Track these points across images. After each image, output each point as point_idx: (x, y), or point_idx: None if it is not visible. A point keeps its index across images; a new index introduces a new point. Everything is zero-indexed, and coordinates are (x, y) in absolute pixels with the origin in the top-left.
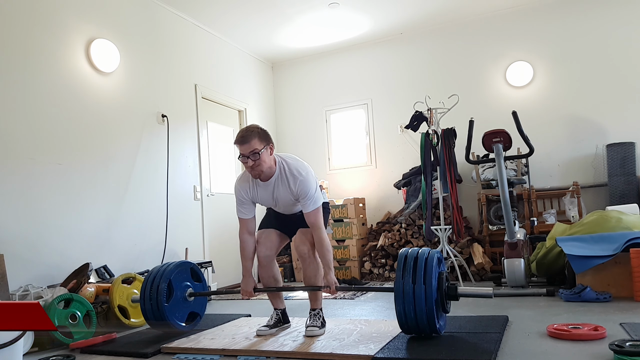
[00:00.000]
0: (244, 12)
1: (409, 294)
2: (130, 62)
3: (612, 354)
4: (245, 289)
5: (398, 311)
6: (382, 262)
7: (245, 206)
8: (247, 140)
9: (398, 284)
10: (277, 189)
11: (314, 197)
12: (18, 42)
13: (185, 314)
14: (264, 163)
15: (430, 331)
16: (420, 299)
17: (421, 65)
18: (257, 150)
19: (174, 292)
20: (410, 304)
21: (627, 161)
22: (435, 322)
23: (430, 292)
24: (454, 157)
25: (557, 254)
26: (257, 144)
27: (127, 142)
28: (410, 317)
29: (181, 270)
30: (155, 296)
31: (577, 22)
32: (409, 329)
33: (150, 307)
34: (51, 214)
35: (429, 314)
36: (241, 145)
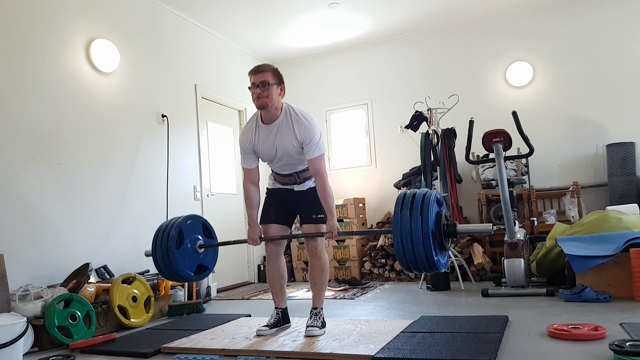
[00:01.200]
0: (244, 12)
1: (407, 226)
2: (130, 62)
3: (612, 354)
4: (252, 237)
5: (396, 245)
6: (382, 262)
7: (248, 156)
8: (261, 70)
9: (396, 217)
10: (280, 134)
11: (318, 143)
12: (18, 42)
13: (194, 264)
14: (272, 97)
15: (429, 266)
16: (417, 231)
17: (421, 65)
18: (267, 82)
19: (184, 241)
20: (408, 236)
21: (627, 161)
22: (433, 255)
23: (427, 225)
24: (454, 157)
25: (557, 254)
26: (269, 76)
27: (127, 142)
28: (408, 250)
29: (193, 223)
30: (165, 242)
31: (577, 22)
32: (407, 264)
33: (160, 253)
34: (51, 214)
35: (427, 246)
36: (255, 74)
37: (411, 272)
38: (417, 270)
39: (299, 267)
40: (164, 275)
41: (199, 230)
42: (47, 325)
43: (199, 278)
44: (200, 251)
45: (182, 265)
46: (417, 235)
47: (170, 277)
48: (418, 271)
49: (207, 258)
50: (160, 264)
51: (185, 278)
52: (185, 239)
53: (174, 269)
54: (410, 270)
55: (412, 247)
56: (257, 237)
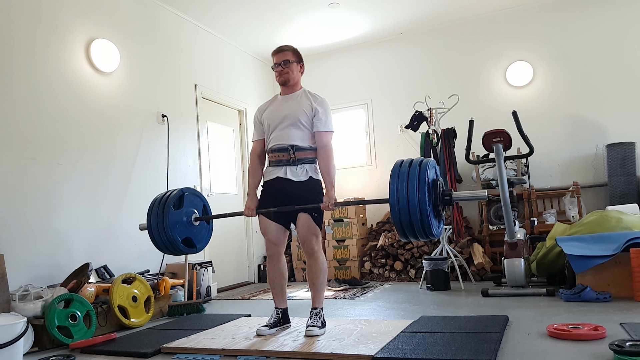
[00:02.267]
0: (244, 12)
1: (404, 199)
2: (130, 62)
3: (612, 354)
4: (249, 206)
5: (394, 217)
6: (382, 262)
7: (258, 129)
8: (282, 49)
9: (392, 188)
10: (296, 101)
11: (329, 119)
12: (18, 42)
13: (184, 234)
14: (292, 73)
15: (426, 235)
16: (414, 202)
17: (421, 65)
18: (288, 60)
19: (183, 207)
20: (405, 210)
21: (627, 161)
22: (431, 226)
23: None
24: (454, 157)
25: (557, 254)
26: (290, 55)
27: (128, 142)
28: (406, 223)
29: (196, 196)
30: (165, 200)
31: (577, 22)
32: (405, 234)
33: (156, 211)
34: (51, 214)
35: (423, 216)
36: (277, 54)
37: (407, 238)
38: (414, 238)
39: (299, 267)
40: (152, 235)
41: (199, 207)
42: (47, 325)
43: (184, 250)
44: (195, 224)
45: (173, 227)
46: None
47: (159, 237)
48: (415, 239)
49: (198, 234)
50: (152, 221)
51: (172, 241)
52: (184, 206)
53: (164, 227)
54: (405, 236)
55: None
56: (253, 207)
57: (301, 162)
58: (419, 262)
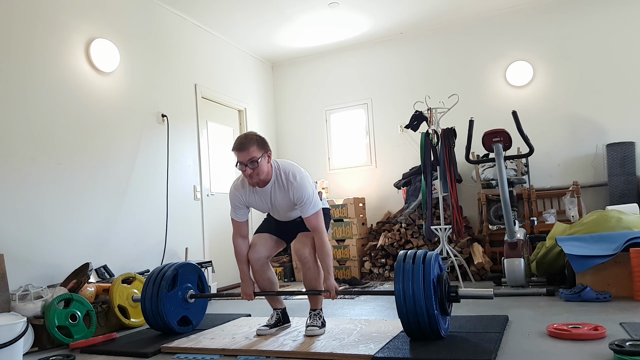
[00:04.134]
0: (244, 12)
1: (410, 300)
2: (130, 62)
3: (612, 354)
4: (246, 292)
5: (401, 317)
6: (382, 261)
7: (240, 211)
8: (245, 147)
9: (398, 288)
10: (275, 194)
11: (311, 201)
12: (18, 42)
13: (179, 314)
14: (262, 171)
15: (435, 336)
16: (421, 305)
17: (421, 64)
18: (255, 159)
19: (177, 286)
20: (412, 310)
21: (627, 161)
22: (439, 327)
23: (430, 297)
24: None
25: (557, 253)
26: (255, 151)
27: (127, 142)
28: (414, 323)
29: (190, 270)
30: (159, 282)
31: (577, 21)
32: (413, 334)
33: (150, 292)
34: (51, 214)
35: (431, 319)
36: (239, 152)
37: (413, 335)
38: (419, 334)
39: (298, 267)
40: (146, 318)
41: (194, 281)
42: (47, 325)
43: (179, 330)
44: (190, 301)
45: (168, 310)
46: (421, 311)
47: (154, 320)
48: (420, 335)
49: (194, 311)
50: (147, 305)
51: (167, 325)
52: (179, 284)
53: (159, 312)
54: (412, 333)
55: (418, 321)
56: (251, 292)
57: None
58: None
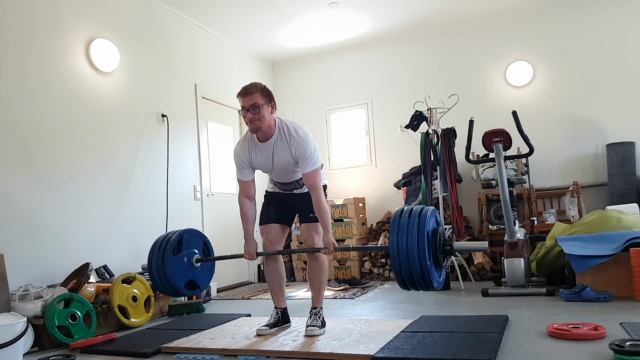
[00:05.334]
0: (244, 12)
1: (404, 252)
2: (130, 62)
3: (612, 354)
4: (249, 252)
5: (395, 269)
6: (382, 261)
7: (244, 170)
8: (249, 92)
9: (392, 240)
10: (276, 150)
11: (312, 158)
12: (18, 42)
13: (186, 277)
14: (264, 119)
15: (427, 287)
16: (414, 256)
17: (421, 65)
18: (257, 104)
19: (183, 250)
20: (405, 262)
21: (627, 161)
22: (432, 279)
23: (423, 249)
24: (454, 156)
25: (557, 253)
26: (258, 98)
27: (127, 142)
28: (407, 274)
29: (195, 236)
30: (164, 246)
31: (577, 21)
32: (406, 286)
33: (156, 257)
34: (51, 214)
35: (424, 271)
36: (243, 97)
37: (407, 288)
38: (413, 287)
39: (298, 267)
40: (154, 282)
41: (199, 246)
42: (47, 325)
43: (187, 293)
44: (196, 265)
45: (174, 273)
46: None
47: (161, 284)
48: (414, 288)
49: (200, 274)
50: (153, 269)
51: (175, 288)
52: (184, 249)
53: (165, 275)
54: (405, 285)
55: (411, 273)
56: (253, 252)
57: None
58: None
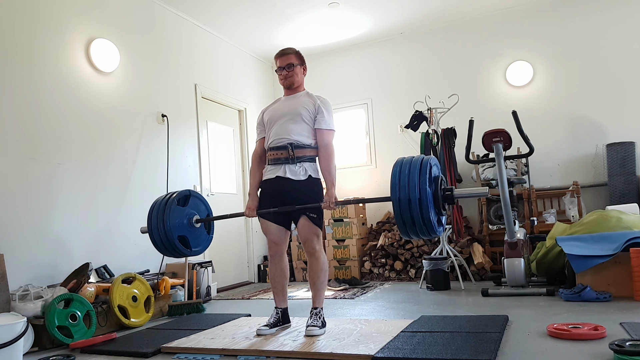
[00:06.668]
0: (244, 12)
1: (405, 203)
2: (130, 62)
3: (612, 354)
4: (250, 206)
5: (397, 218)
6: (382, 261)
7: (259, 128)
8: (286, 52)
9: (394, 188)
10: (299, 100)
11: (331, 118)
12: (18, 42)
13: (182, 231)
14: (297, 76)
15: (430, 235)
16: (416, 207)
17: (421, 64)
18: (292, 63)
19: (187, 206)
20: (407, 212)
21: (627, 161)
22: (433, 227)
23: (425, 199)
24: (454, 156)
25: (557, 253)
26: (293, 58)
27: (127, 142)
28: (409, 224)
29: (201, 202)
30: (170, 195)
31: (577, 21)
32: (408, 234)
33: (161, 200)
34: (51, 214)
35: (426, 219)
36: (280, 57)
37: (409, 236)
38: (416, 236)
39: (299, 267)
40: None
41: (202, 212)
42: (47, 325)
43: (178, 247)
44: (195, 225)
45: (172, 220)
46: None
47: (157, 228)
48: (417, 236)
49: (196, 236)
50: (154, 211)
51: (169, 234)
52: (189, 206)
53: (164, 219)
54: (409, 236)
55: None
56: (254, 207)
57: (300, 160)
58: (419, 262)
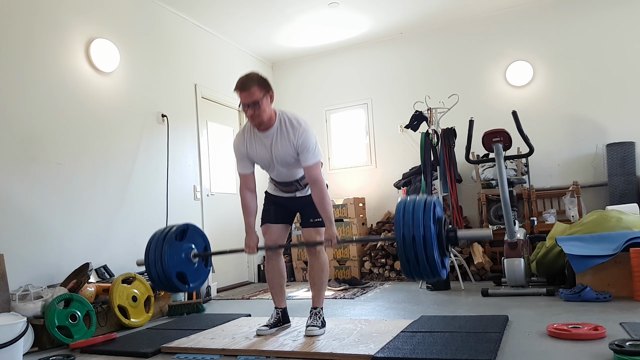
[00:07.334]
0: (244, 12)
1: (409, 240)
2: (130, 62)
3: (612, 354)
4: (249, 244)
5: (401, 259)
6: (382, 261)
7: (244, 161)
8: (247, 87)
9: (398, 225)
10: (276, 142)
11: (314, 149)
12: (18, 42)
13: (179, 268)
14: (264, 112)
15: (433, 275)
16: (420, 244)
17: (421, 65)
18: (257, 100)
19: (184, 241)
20: (411, 250)
21: (627, 161)
22: (437, 267)
23: (429, 236)
24: (454, 156)
25: (557, 253)
26: (257, 92)
27: (127, 142)
28: (413, 263)
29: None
30: (167, 230)
31: (577, 21)
32: (411, 275)
33: (158, 236)
34: (51, 214)
35: (430, 258)
36: (241, 92)
37: (413, 278)
38: (419, 276)
39: (299, 267)
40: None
41: (200, 246)
42: (47, 325)
43: (175, 283)
44: (192, 260)
45: (170, 257)
46: (421, 252)
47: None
48: (420, 277)
49: (193, 272)
50: (151, 247)
51: (166, 271)
52: (187, 240)
53: (162, 255)
54: (412, 276)
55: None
56: (254, 245)
57: (307, 185)
58: None
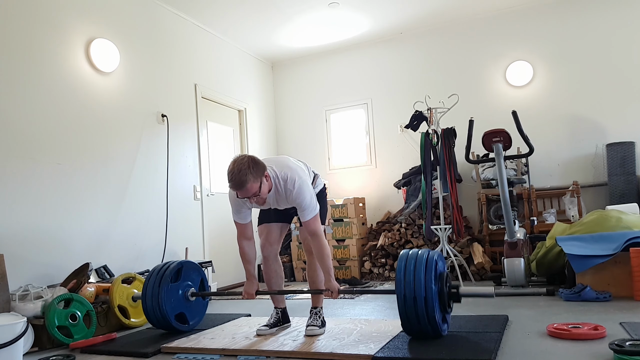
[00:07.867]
0: (244, 12)
1: (410, 300)
2: (130, 62)
3: (612, 354)
4: (248, 291)
5: (402, 315)
6: (382, 261)
7: (242, 213)
8: (243, 186)
9: (399, 283)
10: (275, 201)
11: (309, 205)
12: (18, 42)
13: (178, 309)
14: (265, 194)
15: (434, 334)
16: (421, 304)
17: (421, 64)
18: (256, 192)
19: (180, 280)
20: (412, 309)
21: (627, 161)
22: (438, 326)
23: (431, 297)
24: (453, 156)
25: (557, 253)
26: (253, 186)
27: (127, 142)
28: (414, 322)
29: (195, 270)
30: (162, 272)
31: (577, 21)
32: (412, 332)
33: (152, 281)
34: (51, 214)
35: (431, 318)
36: (239, 191)
37: (411, 334)
38: (418, 334)
39: (298, 267)
40: (146, 310)
41: (196, 281)
42: (47, 325)
43: (175, 325)
44: (190, 299)
45: (168, 301)
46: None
47: (152, 311)
48: (421, 334)
49: (192, 310)
50: (147, 295)
51: (165, 316)
52: (182, 279)
53: (159, 302)
54: (411, 331)
55: (418, 321)
56: (253, 292)
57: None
58: None
